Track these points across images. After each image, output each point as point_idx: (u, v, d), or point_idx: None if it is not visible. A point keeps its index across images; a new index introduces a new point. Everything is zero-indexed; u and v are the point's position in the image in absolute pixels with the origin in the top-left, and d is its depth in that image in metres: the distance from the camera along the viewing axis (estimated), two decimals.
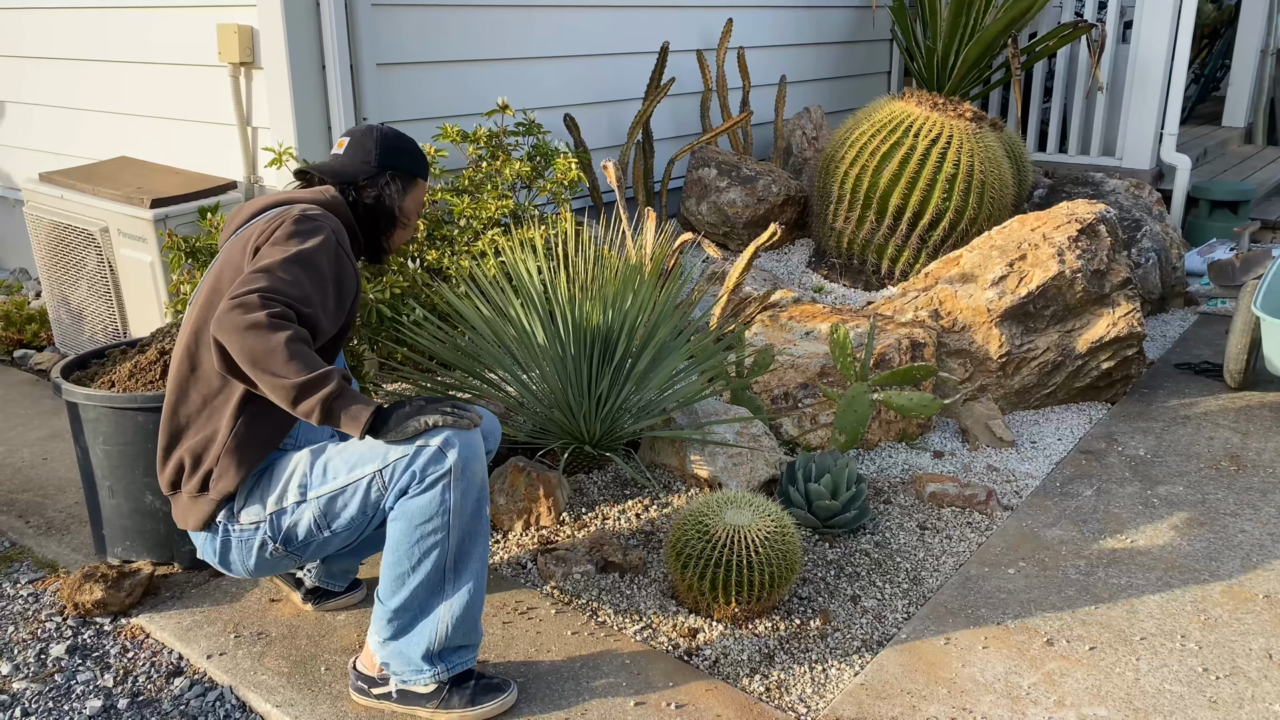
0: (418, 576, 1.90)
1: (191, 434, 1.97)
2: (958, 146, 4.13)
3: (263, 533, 1.95)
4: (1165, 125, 5.39)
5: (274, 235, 1.91)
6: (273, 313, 1.74)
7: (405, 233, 2.25)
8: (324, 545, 1.98)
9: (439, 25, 3.75)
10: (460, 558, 1.91)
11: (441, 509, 1.86)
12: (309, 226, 1.93)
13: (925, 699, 2.05)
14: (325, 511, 1.92)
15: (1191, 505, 2.85)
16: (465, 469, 1.86)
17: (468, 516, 1.89)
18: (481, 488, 1.91)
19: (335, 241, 1.95)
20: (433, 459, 1.84)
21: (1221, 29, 8.16)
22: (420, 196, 2.25)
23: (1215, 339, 4.19)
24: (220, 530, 1.97)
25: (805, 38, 5.59)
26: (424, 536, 1.88)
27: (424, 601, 1.93)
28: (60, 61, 4.20)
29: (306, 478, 1.93)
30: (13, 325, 4.06)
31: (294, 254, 1.85)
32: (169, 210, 3.35)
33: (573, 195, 3.62)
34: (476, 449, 1.89)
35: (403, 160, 2.19)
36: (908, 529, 2.72)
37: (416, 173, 2.22)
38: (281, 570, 2.07)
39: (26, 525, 2.76)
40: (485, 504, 1.94)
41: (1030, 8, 4.93)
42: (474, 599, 1.94)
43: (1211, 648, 2.22)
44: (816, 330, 3.37)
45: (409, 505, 1.87)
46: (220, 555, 1.99)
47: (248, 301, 1.75)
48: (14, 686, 2.12)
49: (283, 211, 1.99)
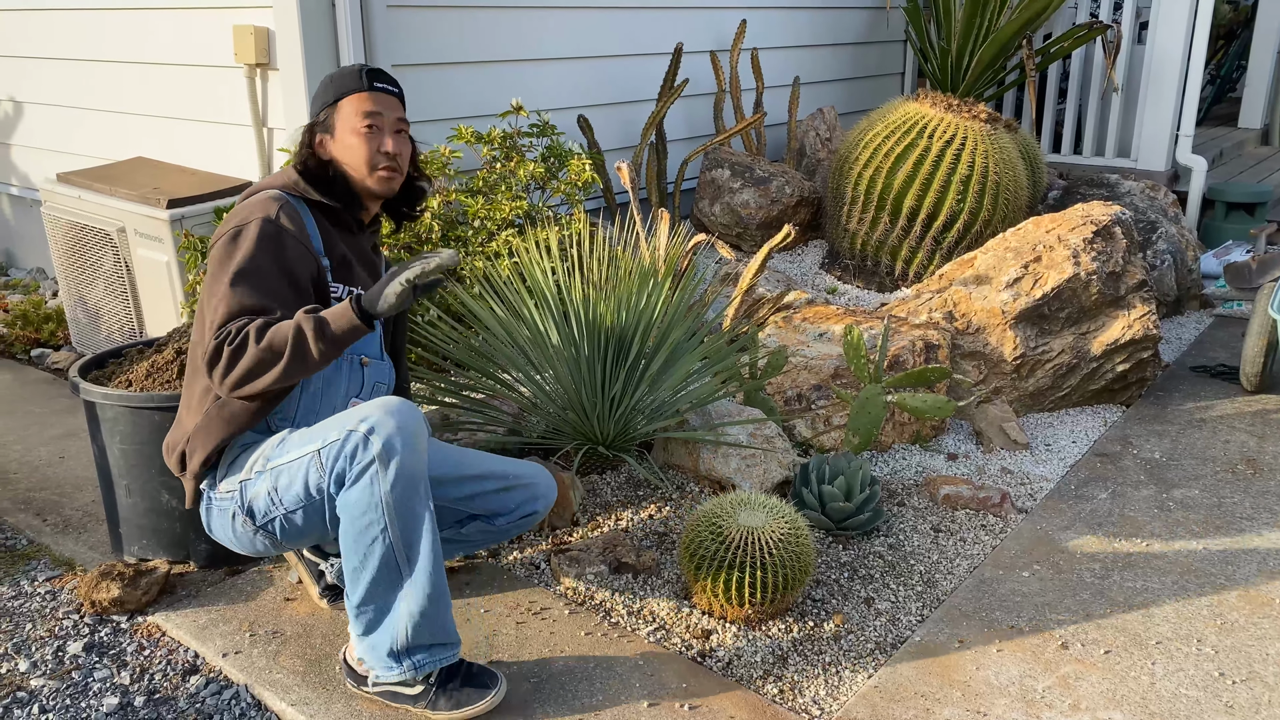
0: (368, 572, 1.90)
1: (179, 420, 2.09)
2: (972, 148, 4.12)
3: (234, 501, 2.01)
4: (1181, 126, 5.37)
5: (210, 261, 1.99)
6: (229, 342, 1.85)
7: (353, 154, 2.07)
8: (288, 525, 1.98)
9: (454, 26, 3.76)
10: (408, 549, 1.89)
11: (373, 501, 1.85)
12: (231, 233, 1.97)
13: (939, 702, 2.05)
14: (275, 485, 1.95)
15: (1207, 509, 2.83)
16: (390, 456, 1.83)
17: (405, 509, 1.86)
18: (413, 477, 1.85)
19: (262, 229, 1.96)
20: (360, 444, 1.84)
21: (1238, 29, 8.12)
22: (351, 110, 2.07)
23: (1231, 341, 4.17)
24: (205, 499, 2.08)
25: (819, 39, 5.58)
26: (364, 530, 1.87)
27: (383, 597, 1.92)
28: (78, 63, 4.23)
29: (272, 450, 1.98)
30: (30, 324, 4.09)
31: (228, 277, 1.92)
32: (185, 210, 3.37)
33: (586, 196, 3.63)
34: (409, 435, 1.84)
35: (314, 104, 2.13)
36: (922, 531, 2.71)
37: (332, 99, 2.09)
38: (262, 551, 2.08)
39: (44, 523, 2.78)
40: (419, 494, 1.87)
41: (1045, 9, 4.91)
42: (433, 597, 1.90)
43: (1228, 652, 2.21)
44: (830, 332, 3.36)
45: (346, 498, 1.88)
46: (207, 523, 2.10)
47: (210, 354, 1.87)
48: (32, 683, 2.14)
49: (234, 213, 2.04)
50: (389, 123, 2.10)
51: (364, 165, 2.08)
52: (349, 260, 2.12)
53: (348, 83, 2.08)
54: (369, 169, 2.09)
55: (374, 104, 2.08)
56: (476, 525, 2.24)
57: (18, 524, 2.77)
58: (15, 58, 4.55)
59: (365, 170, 2.09)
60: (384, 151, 2.08)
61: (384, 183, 2.11)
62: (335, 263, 2.10)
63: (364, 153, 2.08)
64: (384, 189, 2.12)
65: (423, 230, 3.20)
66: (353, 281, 2.12)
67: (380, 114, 2.08)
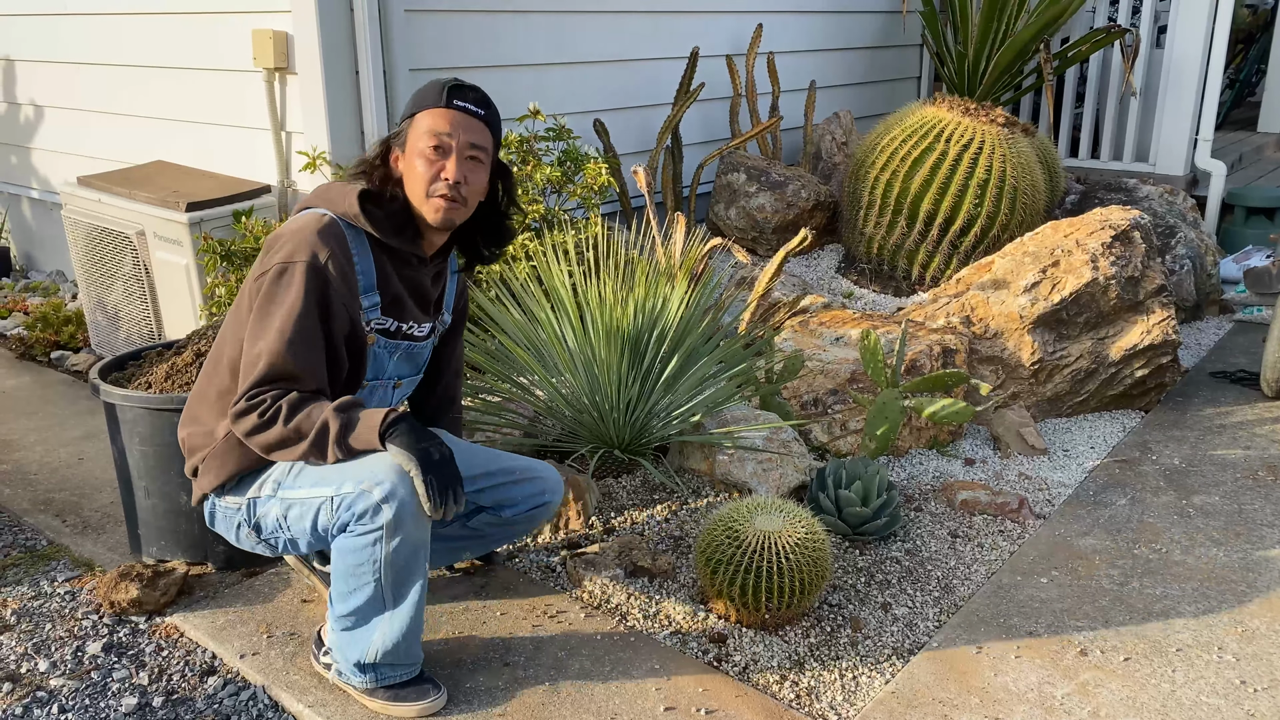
0: (357, 599, 1.95)
1: (198, 423, 2.08)
2: (989, 152, 4.10)
3: (241, 514, 2.05)
4: (1200, 131, 5.34)
5: (257, 300, 1.91)
6: (261, 412, 1.86)
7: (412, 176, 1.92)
8: (291, 545, 2.05)
9: (471, 30, 3.77)
10: (398, 590, 1.94)
11: (371, 558, 1.89)
12: (278, 270, 1.89)
13: (957, 708, 2.04)
14: (285, 514, 1.98)
15: (1228, 515, 2.81)
16: (398, 528, 1.86)
17: (400, 565, 1.91)
18: (417, 545, 1.90)
19: (308, 278, 1.87)
20: (371, 510, 1.85)
21: (1257, 34, 8.07)
22: (423, 127, 1.91)
23: (1251, 347, 4.14)
24: (210, 502, 2.10)
25: (835, 43, 5.57)
26: (357, 573, 1.92)
27: (366, 614, 1.97)
28: (97, 67, 4.26)
29: (284, 475, 1.99)
30: (50, 327, 4.12)
31: (273, 334, 1.87)
32: (204, 214, 3.39)
33: (602, 200, 3.63)
34: (419, 507, 1.86)
35: (401, 115, 1.99)
36: (939, 536, 2.70)
37: (409, 113, 1.94)
38: (260, 553, 2.13)
39: (63, 524, 2.79)
40: (422, 553, 1.92)
41: (1063, 13, 4.89)
42: (409, 632, 1.97)
43: (1249, 660, 2.19)
44: (846, 336, 3.36)
45: (343, 543, 1.91)
46: (210, 519, 2.13)
47: (241, 410, 1.88)
48: (51, 683, 2.15)
49: (284, 240, 1.92)
50: (460, 146, 1.91)
51: (420, 190, 1.92)
52: (401, 298, 2.02)
53: (428, 97, 1.92)
54: (425, 195, 1.92)
55: (447, 123, 1.90)
56: (484, 517, 2.25)
57: (38, 524, 2.79)
58: (35, 62, 4.59)
59: (421, 195, 1.92)
60: (444, 178, 1.90)
61: (438, 213, 1.92)
62: (387, 301, 2.00)
63: (422, 176, 1.91)
64: (438, 220, 1.93)
65: None
66: (403, 318, 2.04)
67: (450, 135, 1.90)
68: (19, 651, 2.26)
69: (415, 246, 2.00)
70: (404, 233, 1.97)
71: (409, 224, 1.98)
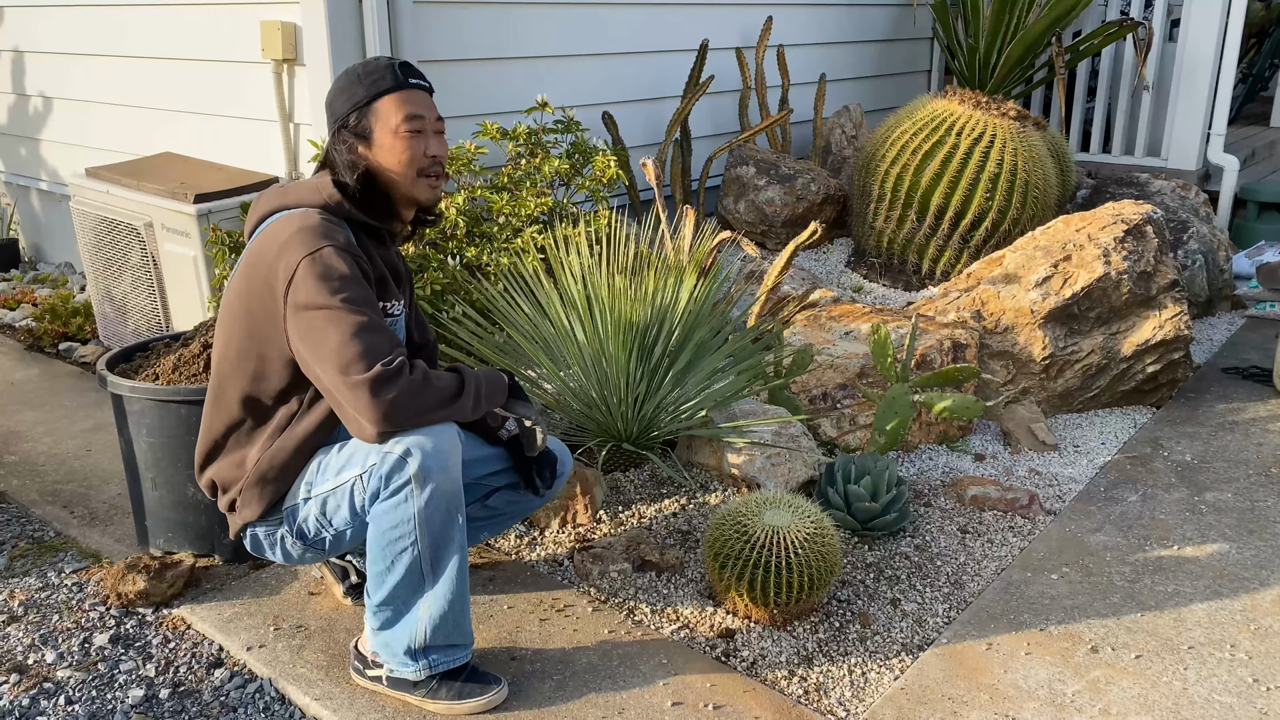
0: (394, 576, 1.92)
1: (221, 460, 2.05)
2: (1001, 146, 4.08)
3: (282, 527, 2.04)
4: (1213, 125, 5.29)
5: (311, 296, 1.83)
6: (407, 371, 1.84)
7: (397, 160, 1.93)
8: (338, 541, 2.02)
9: (480, 23, 3.76)
10: (435, 561, 1.91)
11: (405, 516, 1.86)
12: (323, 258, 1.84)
13: (966, 704, 2.03)
14: (323, 510, 1.97)
15: (1240, 512, 2.79)
16: (426, 478, 1.84)
17: (436, 525, 1.88)
18: (450, 497, 1.87)
19: (340, 246, 1.86)
20: (395, 466, 1.84)
21: (1270, 28, 8.00)
22: (391, 111, 1.91)
23: (1264, 343, 4.11)
24: (249, 531, 2.07)
25: (845, 36, 5.55)
26: (393, 541, 1.89)
27: (405, 599, 1.94)
28: (105, 58, 4.26)
29: (314, 475, 1.98)
30: (58, 318, 4.12)
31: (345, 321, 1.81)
32: (212, 205, 3.39)
33: (611, 193, 3.62)
34: (443, 459, 1.85)
35: (339, 102, 1.95)
36: (948, 532, 2.68)
37: (364, 100, 1.92)
38: (307, 562, 2.11)
39: (71, 516, 2.79)
40: (457, 513, 1.90)
41: (1075, 6, 4.86)
42: (454, 602, 1.94)
43: (1262, 658, 2.17)
44: (856, 330, 3.34)
45: (377, 510, 1.89)
46: (253, 547, 2.11)
47: (380, 379, 1.80)
48: (58, 674, 2.15)
49: (286, 244, 1.87)
50: (430, 122, 1.96)
51: (410, 172, 1.94)
52: (385, 277, 2.02)
53: (382, 80, 1.92)
54: (416, 175, 1.95)
55: (415, 104, 1.94)
56: (504, 495, 2.25)
57: (45, 516, 2.79)
58: (44, 53, 4.59)
59: (411, 177, 1.95)
60: (430, 156, 1.95)
61: (431, 190, 1.98)
62: (374, 282, 1.99)
63: (409, 158, 1.93)
64: (430, 197, 2.00)
65: (447, 226, 3.20)
66: (387, 297, 2.02)
67: (422, 115, 1.94)
68: (26, 643, 2.26)
69: (392, 225, 2.04)
70: (385, 213, 2.01)
71: (388, 204, 2.00)
